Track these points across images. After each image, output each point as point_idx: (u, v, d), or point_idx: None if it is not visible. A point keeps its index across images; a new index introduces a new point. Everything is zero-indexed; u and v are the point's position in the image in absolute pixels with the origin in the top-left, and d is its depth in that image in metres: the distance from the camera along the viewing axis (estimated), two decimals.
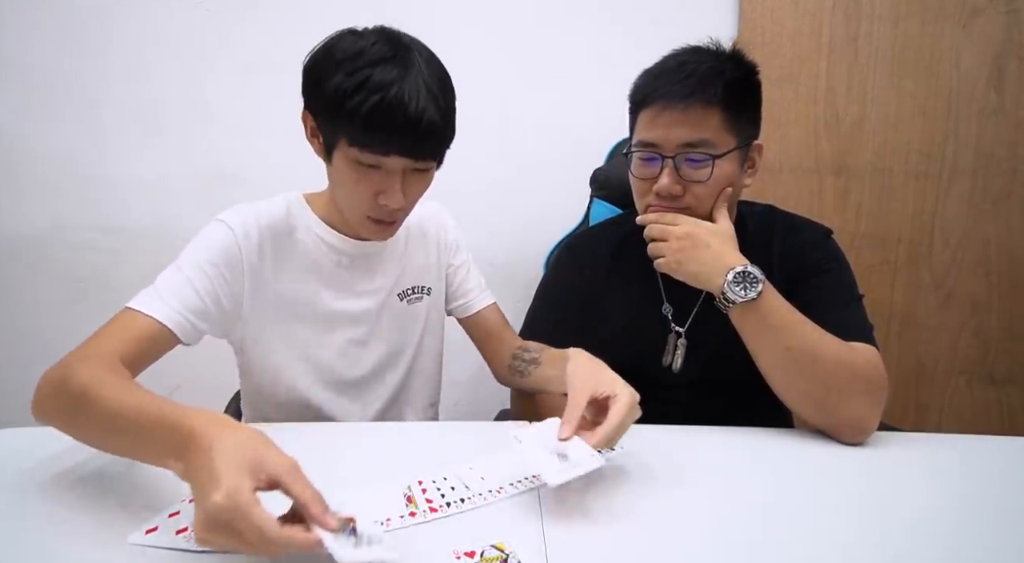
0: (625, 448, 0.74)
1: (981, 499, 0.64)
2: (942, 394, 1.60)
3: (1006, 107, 1.49)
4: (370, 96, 0.68)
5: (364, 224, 0.79)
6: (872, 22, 1.48)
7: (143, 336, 0.69)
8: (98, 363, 0.62)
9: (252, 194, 0.84)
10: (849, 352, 0.78)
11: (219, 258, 0.77)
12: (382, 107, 0.68)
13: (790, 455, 0.75)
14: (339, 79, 0.69)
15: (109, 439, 0.58)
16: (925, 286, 1.57)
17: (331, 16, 1.48)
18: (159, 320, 0.71)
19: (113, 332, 0.69)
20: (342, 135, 0.72)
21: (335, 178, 0.78)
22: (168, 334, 0.71)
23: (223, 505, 0.42)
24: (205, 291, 0.76)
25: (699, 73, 0.81)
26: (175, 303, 0.72)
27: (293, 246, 0.84)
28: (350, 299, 0.88)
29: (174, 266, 0.77)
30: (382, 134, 0.70)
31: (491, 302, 1.00)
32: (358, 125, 0.69)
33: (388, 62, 0.69)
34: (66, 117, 1.52)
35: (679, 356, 0.93)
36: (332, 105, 0.70)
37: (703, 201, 0.85)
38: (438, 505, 0.59)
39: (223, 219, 0.80)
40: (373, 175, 0.74)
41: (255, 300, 0.81)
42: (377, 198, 0.75)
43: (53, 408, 0.62)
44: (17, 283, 1.58)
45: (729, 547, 0.54)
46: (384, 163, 0.72)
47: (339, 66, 0.70)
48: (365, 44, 0.71)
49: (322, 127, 0.75)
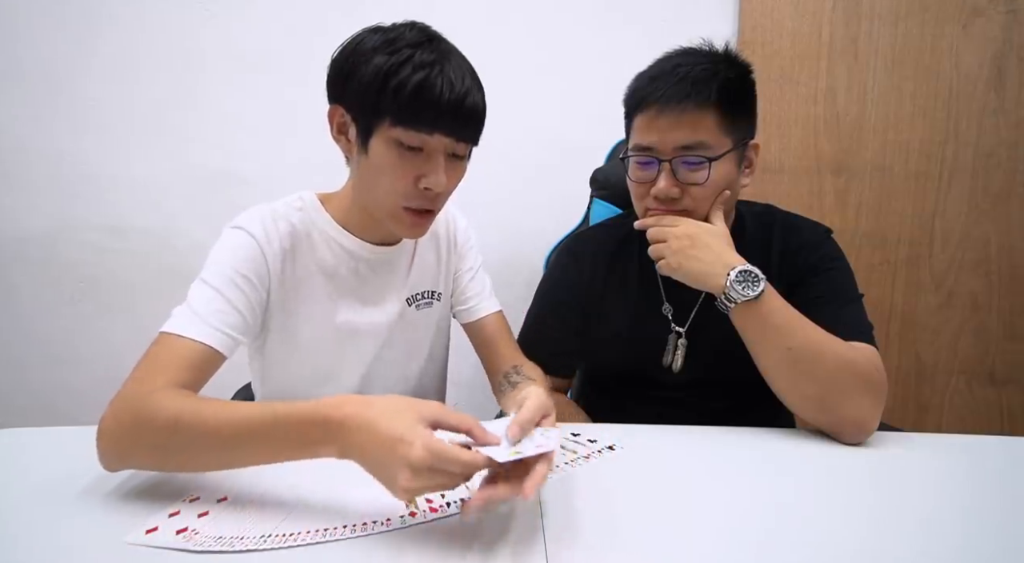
0: (625, 448, 0.75)
1: (981, 499, 0.64)
2: (942, 394, 1.61)
3: (1006, 107, 1.49)
4: (416, 72, 0.68)
5: (400, 217, 0.77)
6: (872, 22, 1.49)
7: (195, 361, 0.67)
8: (173, 393, 0.61)
9: (252, 194, 0.84)
10: (850, 352, 0.78)
11: (247, 267, 0.75)
12: (428, 82, 0.68)
13: (790, 455, 0.75)
14: (380, 60, 0.69)
15: (223, 455, 0.58)
16: (925, 286, 1.57)
17: (331, 16, 1.49)
18: (207, 344, 0.68)
19: (164, 361, 0.66)
20: (385, 115, 0.70)
21: (371, 169, 0.75)
22: (217, 355, 0.69)
23: (424, 455, 0.48)
24: (240, 304, 0.74)
25: (693, 75, 0.81)
26: (216, 322, 0.70)
27: (310, 251, 0.82)
28: (365, 310, 0.86)
29: (201, 281, 0.73)
30: (428, 110, 0.69)
31: (494, 310, 0.97)
32: (404, 100, 0.68)
33: (425, 46, 0.70)
34: (66, 117, 1.52)
35: (679, 356, 0.93)
36: (374, 85, 0.69)
37: (701, 203, 0.85)
38: (438, 505, 0.59)
39: (242, 226, 0.77)
40: (415, 158, 0.72)
41: (277, 307, 0.80)
42: (419, 182, 0.73)
43: (141, 447, 0.60)
44: (18, 283, 1.58)
45: (729, 547, 0.54)
46: (427, 142, 0.72)
47: (376, 50, 0.70)
48: (398, 32, 0.71)
49: (358, 115, 0.73)
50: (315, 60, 0.83)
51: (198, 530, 0.53)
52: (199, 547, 0.51)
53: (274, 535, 0.53)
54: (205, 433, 0.57)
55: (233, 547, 0.51)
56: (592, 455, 0.72)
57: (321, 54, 0.79)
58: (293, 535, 0.53)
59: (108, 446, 0.60)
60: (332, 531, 0.54)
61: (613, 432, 0.80)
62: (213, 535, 0.53)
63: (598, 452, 0.74)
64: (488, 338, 0.96)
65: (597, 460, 0.71)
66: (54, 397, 1.62)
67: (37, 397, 1.61)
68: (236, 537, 0.52)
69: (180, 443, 0.58)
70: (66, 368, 1.60)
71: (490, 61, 1.47)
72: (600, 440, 0.77)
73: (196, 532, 0.53)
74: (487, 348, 0.96)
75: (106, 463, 0.60)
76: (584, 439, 0.77)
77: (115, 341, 1.58)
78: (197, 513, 0.56)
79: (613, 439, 0.77)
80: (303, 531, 0.54)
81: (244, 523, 0.55)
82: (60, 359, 1.60)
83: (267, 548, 0.51)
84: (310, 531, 0.54)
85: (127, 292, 1.57)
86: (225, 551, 0.51)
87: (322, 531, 0.54)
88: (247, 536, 0.52)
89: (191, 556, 0.50)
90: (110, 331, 1.59)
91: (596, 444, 0.76)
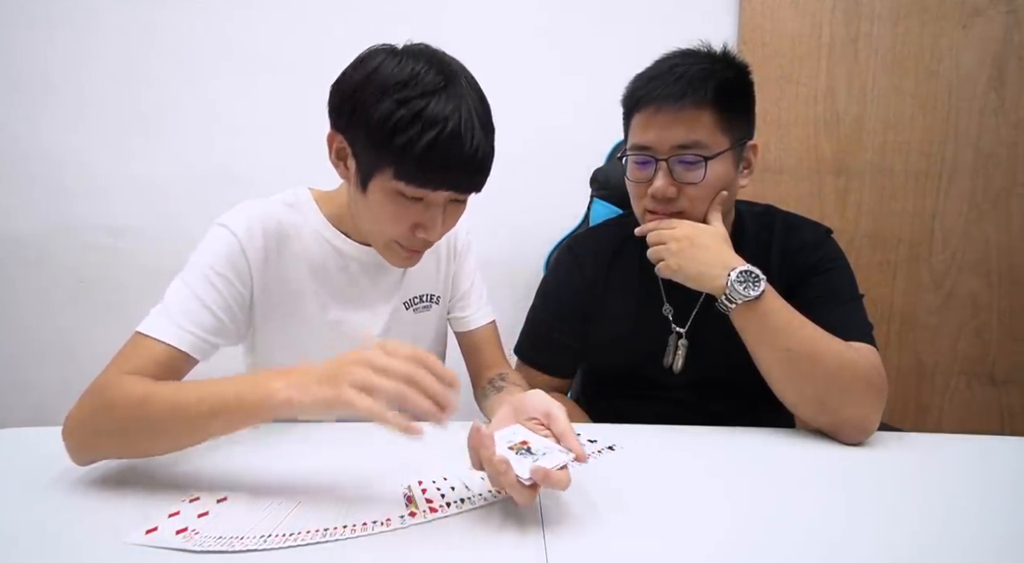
0: (625, 448, 0.75)
1: (981, 499, 0.64)
2: (942, 394, 1.61)
3: (1006, 107, 1.49)
4: (426, 131, 0.64)
5: (391, 249, 0.76)
6: (872, 22, 1.49)
7: (161, 361, 0.67)
8: (136, 379, 0.63)
9: (252, 194, 0.84)
10: (849, 352, 0.78)
11: (225, 266, 0.74)
12: (439, 143, 0.64)
13: (790, 455, 0.75)
14: (388, 107, 0.65)
15: (195, 431, 0.60)
16: (925, 286, 1.57)
17: (331, 16, 1.49)
18: (174, 345, 0.68)
19: (130, 358, 0.67)
20: (388, 167, 0.67)
21: (367, 207, 0.73)
22: (185, 357, 0.69)
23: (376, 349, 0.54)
24: (216, 305, 0.73)
25: (689, 75, 0.81)
26: (187, 324, 0.70)
27: (300, 250, 0.81)
28: (356, 310, 0.86)
29: (180, 280, 0.73)
30: (437, 171, 0.67)
31: (488, 321, 0.97)
32: (411, 160, 0.65)
33: (440, 92, 0.65)
34: (65, 117, 1.52)
35: (680, 357, 0.93)
36: (381, 136, 0.65)
37: (698, 203, 0.85)
38: (438, 505, 0.59)
39: (225, 224, 0.76)
40: (413, 207, 0.71)
41: (263, 304, 0.80)
42: (415, 230, 0.73)
43: (106, 432, 0.62)
44: (18, 283, 1.58)
45: (729, 547, 0.54)
46: (429, 196, 0.70)
47: (386, 93, 0.65)
48: (413, 70, 0.66)
49: (360, 155, 0.71)
50: (316, 60, 0.83)
51: (198, 530, 0.53)
52: (199, 547, 0.51)
53: (274, 535, 0.53)
54: (171, 411, 0.59)
55: (233, 547, 0.51)
56: (592, 455, 0.72)
57: (323, 54, 0.78)
58: (293, 535, 0.53)
59: (73, 437, 0.62)
60: (332, 531, 0.54)
61: (613, 432, 0.80)
62: (213, 535, 0.52)
63: (598, 452, 0.74)
64: (478, 346, 0.96)
65: (597, 460, 0.71)
66: (53, 397, 1.61)
67: (36, 397, 1.61)
68: (236, 537, 0.52)
69: (148, 422, 0.59)
70: (65, 368, 1.60)
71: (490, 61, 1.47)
72: (600, 440, 0.77)
73: (196, 532, 0.53)
74: (475, 354, 0.96)
75: (74, 455, 0.62)
76: (584, 439, 0.77)
77: (113, 341, 1.57)
78: (197, 513, 0.56)
79: (613, 439, 0.77)
80: (303, 531, 0.53)
81: (244, 523, 0.55)
82: (59, 359, 1.60)
83: (267, 548, 0.51)
84: (310, 531, 0.54)
85: (125, 292, 1.56)
86: (225, 551, 0.51)
87: (322, 531, 0.54)
88: (247, 536, 0.52)
89: (191, 556, 0.50)
90: (108, 331, 1.57)
91: (596, 444, 0.76)
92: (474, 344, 0.96)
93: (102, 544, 0.52)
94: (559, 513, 0.59)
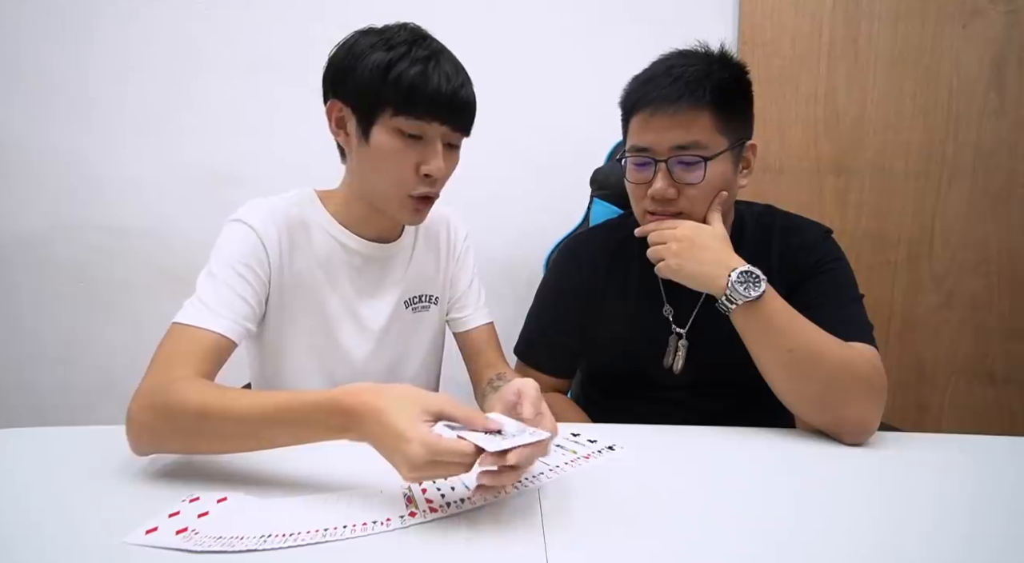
0: (625, 448, 0.75)
1: (982, 499, 0.64)
2: (942, 394, 1.61)
3: (1006, 107, 1.49)
4: (413, 65, 0.73)
5: (404, 204, 0.80)
6: (872, 22, 1.49)
7: (210, 350, 0.70)
8: (195, 383, 0.65)
9: (250, 194, 0.84)
10: (850, 353, 0.78)
11: (249, 258, 0.78)
12: (427, 73, 0.73)
13: (791, 456, 0.75)
14: (379, 55, 0.74)
15: (250, 440, 0.62)
16: (925, 286, 1.57)
17: (330, 16, 1.49)
18: (219, 332, 0.71)
19: (181, 352, 0.69)
20: (386, 105, 0.75)
21: (372, 158, 0.78)
22: (228, 342, 0.73)
23: (421, 452, 0.51)
24: (247, 294, 0.77)
25: (687, 76, 0.81)
26: (226, 312, 0.73)
27: (308, 245, 0.84)
28: (360, 307, 0.88)
29: (208, 274, 0.76)
30: (427, 98, 0.74)
31: (485, 322, 0.99)
32: (404, 90, 0.73)
33: (419, 43, 0.75)
34: (66, 117, 1.52)
35: (680, 357, 0.93)
36: (375, 77, 0.74)
37: (697, 204, 0.85)
38: (438, 505, 0.59)
39: (242, 218, 0.80)
40: (415, 145, 0.77)
41: (278, 295, 0.82)
42: (419, 169, 0.78)
43: (173, 433, 0.63)
44: (16, 283, 1.58)
45: (729, 547, 0.54)
46: (426, 131, 0.76)
47: (373, 47, 0.75)
48: (392, 32, 0.76)
49: (358, 107, 0.77)
50: (313, 61, 0.84)
51: (198, 530, 0.53)
52: (199, 547, 0.51)
53: (274, 535, 0.53)
54: (231, 421, 0.60)
55: (233, 547, 0.51)
56: (592, 455, 0.72)
57: (319, 55, 0.80)
58: (293, 535, 0.53)
59: (140, 433, 0.63)
60: (332, 531, 0.54)
61: (613, 432, 0.80)
62: (213, 535, 0.52)
63: (598, 452, 0.74)
64: (478, 347, 0.98)
65: (597, 460, 0.71)
66: (53, 397, 1.62)
67: (36, 397, 1.61)
68: (236, 537, 0.52)
69: (209, 430, 0.61)
70: (65, 368, 1.60)
71: (490, 61, 1.48)
72: (600, 440, 0.77)
73: (196, 532, 0.53)
74: (474, 355, 0.98)
75: (137, 449, 0.64)
76: (584, 439, 0.77)
77: (113, 341, 1.58)
78: (197, 513, 0.56)
79: (613, 439, 0.77)
80: (303, 531, 0.53)
81: (244, 523, 0.54)
82: (59, 359, 1.60)
83: (267, 548, 0.51)
84: (310, 531, 0.54)
85: (125, 292, 1.56)
86: (225, 551, 0.51)
87: (322, 531, 0.54)
88: (247, 536, 0.52)
89: (191, 556, 0.50)
90: (108, 331, 1.59)
91: (596, 444, 0.76)
92: (472, 345, 0.98)
93: (102, 544, 0.52)
94: (559, 513, 0.59)
